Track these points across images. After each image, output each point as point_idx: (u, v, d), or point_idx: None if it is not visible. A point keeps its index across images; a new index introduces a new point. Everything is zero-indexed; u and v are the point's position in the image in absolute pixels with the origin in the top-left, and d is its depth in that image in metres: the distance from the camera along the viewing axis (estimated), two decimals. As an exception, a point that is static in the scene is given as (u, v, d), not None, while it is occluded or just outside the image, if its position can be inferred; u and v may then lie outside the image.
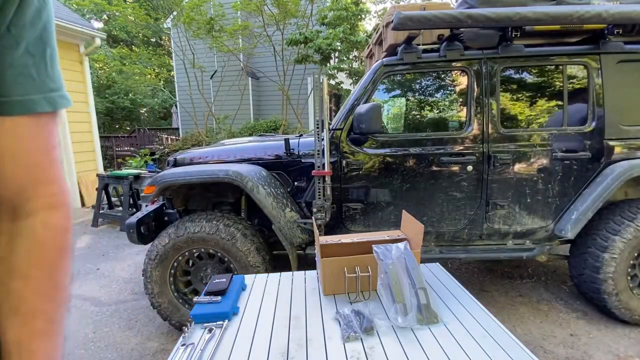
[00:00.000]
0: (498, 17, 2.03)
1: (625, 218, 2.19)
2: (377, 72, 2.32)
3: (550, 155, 2.23)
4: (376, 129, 2.11)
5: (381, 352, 0.98)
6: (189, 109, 10.33)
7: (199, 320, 1.16)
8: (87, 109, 6.51)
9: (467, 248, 2.38)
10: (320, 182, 2.24)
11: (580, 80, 2.28)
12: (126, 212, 4.69)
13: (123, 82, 13.26)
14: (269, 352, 1.01)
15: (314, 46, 7.93)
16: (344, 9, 8.04)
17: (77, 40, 6.18)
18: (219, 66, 10.26)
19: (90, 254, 4.04)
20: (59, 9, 6.34)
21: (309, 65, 8.85)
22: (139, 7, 14.05)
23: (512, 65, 2.29)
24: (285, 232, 2.29)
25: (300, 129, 8.93)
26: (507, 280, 3.04)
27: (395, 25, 2.07)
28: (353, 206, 2.37)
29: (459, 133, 2.31)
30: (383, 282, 1.20)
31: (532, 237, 2.36)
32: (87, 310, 2.78)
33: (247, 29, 9.28)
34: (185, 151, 2.89)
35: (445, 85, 2.48)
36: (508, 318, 2.45)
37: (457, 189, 2.30)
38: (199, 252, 2.26)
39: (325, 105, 2.20)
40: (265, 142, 2.65)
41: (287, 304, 1.28)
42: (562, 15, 2.03)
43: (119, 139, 11.36)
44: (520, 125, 2.34)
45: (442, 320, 1.12)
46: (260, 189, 2.20)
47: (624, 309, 2.25)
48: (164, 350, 2.24)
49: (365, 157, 2.32)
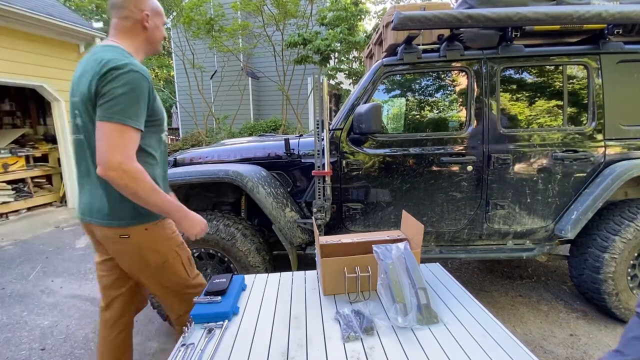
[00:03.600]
0: (498, 17, 2.03)
1: (625, 218, 2.19)
2: (377, 72, 2.32)
3: (550, 155, 2.23)
4: (376, 129, 2.11)
5: (381, 352, 0.98)
6: (189, 109, 10.33)
7: (199, 320, 1.16)
8: (87, 109, 6.50)
9: (467, 248, 2.38)
10: (320, 182, 2.24)
11: (580, 80, 2.28)
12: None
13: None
14: (269, 352, 1.01)
15: (312, 47, 7.94)
16: (343, 10, 8.04)
17: (77, 40, 6.18)
18: (218, 66, 10.26)
19: (90, 254, 4.04)
20: (59, 9, 6.35)
21: (309, 65, 8.85)
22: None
23: (512, 65, 2.29)
24: (285, 232, 2.29)
25: (300, 129, 8.93)
26: (507, 280, 3.04)
27: (395, 25, 2.07)
28: (353, 206, 2.37)
29: (459, 133, 2.31)
30: (383, 282, 1.20)
31: (532, 237, 2.36)
32: (87, 310, 2.77)
33: (246, 29, 9.28)
34: (185, 151, 2.89)
35: (445, 85, 2.48)
36: (508, 318, 2.45)
37: (457, 189, 2.30)
38: (199, 252, 2.26)
39: (325, 105, 2.20)
40: (265, 142, 2.65)
41: (287, 304, 1.28)
42: (562, 15, 2.03)
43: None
44: (520, 125, 2.34)
45: (442, 320, 1.12)
46: (260, 189, 2.20)
47: (624, 309, 2.25)
48: (164, 350, 2.24)
49: (365, 157, 2.32)
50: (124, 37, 1.30)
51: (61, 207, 6.23)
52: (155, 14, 1.35)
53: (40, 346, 2.34)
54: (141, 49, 1.35)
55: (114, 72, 1.14)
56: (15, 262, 3.86)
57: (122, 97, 1.14)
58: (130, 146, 1.17)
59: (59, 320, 2.64)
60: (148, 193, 1.19)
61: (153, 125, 1.30)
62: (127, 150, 1.15)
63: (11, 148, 5.83)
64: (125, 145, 1.15)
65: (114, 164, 1.12)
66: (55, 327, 2.56)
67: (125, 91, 1.14)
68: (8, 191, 5.55)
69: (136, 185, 1.15)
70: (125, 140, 1.15)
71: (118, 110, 1.13)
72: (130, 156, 1.15)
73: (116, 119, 1.13)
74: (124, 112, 1.14)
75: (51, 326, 2.57)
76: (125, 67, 1.15)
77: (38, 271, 3.59)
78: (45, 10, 5.51)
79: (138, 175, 1.16)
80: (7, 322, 2.64)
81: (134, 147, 1.18)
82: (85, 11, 13.69)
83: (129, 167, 1.14)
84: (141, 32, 1.32)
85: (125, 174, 1.13)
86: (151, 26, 1.33)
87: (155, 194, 1.21)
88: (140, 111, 1.20)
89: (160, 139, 1.37)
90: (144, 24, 1.31)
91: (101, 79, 1.14)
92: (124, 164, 1.13)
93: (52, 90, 5.75)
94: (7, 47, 5.12)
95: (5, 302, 2.95)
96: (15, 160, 5.75)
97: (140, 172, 1.17)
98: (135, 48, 1.32)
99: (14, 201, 5.59)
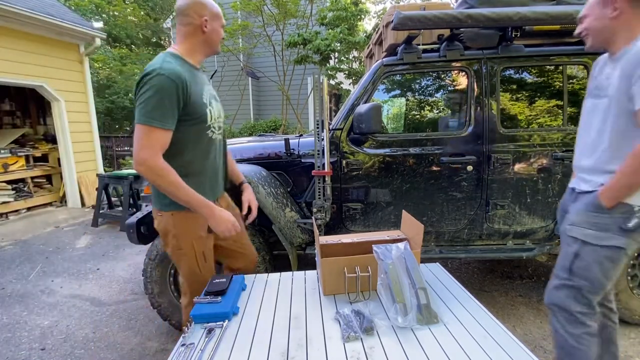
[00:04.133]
0: (498, 17, 2.03)
1: (625, 218, 2.19)
2: (377, 72, 2.32)
3: (550, 155, 2.23)
4: (376, 129, 2.11)
5: (381, 352, 0.98)
6: (189, 109, 10.29)
7: (199, 320, 1.16)
8: (87, 109, 6.52)
9: (467, 248, 2.38)
10: (320, 182, 2.24)
11: (580, 80, 2.28)
12: (126, 212, 4.69)
13: (123, 82, 13.25)
14: (269, 352, 1.01)
15: (312, 47, 7.94)
16: (343, 9, 8.04)
17: (77, 40, 6.18)
18: (218, 66, 10.26)
19: (90, 254, 4.04)
20: (59, 9, 6.35)
21: (309, 65, 8.86)
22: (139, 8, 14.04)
23: (512, 65, 2.29)
24: (285, 232, 2.29)
25: (300, 129, 8.93)
26: (507, 280, 3.04)
27: (395, 25, 2.07)
28: (353, 206, 2.37)
29: (459, 133, 2.31)
30: (383, 282, 1.20)
31: (532, 237, 2.36)
32: (87, 310, 2.78)
33: (246, 29, 9.28)
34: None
35: (445, 85, 2.48)
36: (508, 318, 2.45)
37: (457, 189, 2.30)
38: (199, 252, 2.26)
39: (325, 105, 2.20)
40: (265, 142, 2.65)
41: (287, 304, 1.28)
42: (562, 15, 2.03)
43: (119, 139, 11.34)
44: (521, 125, 2.34)
45: (442, 320, 1.12)
46: (260, 188, 2.20)
47: (624, 309, 2.25)
48: (164, 350, 2.24)
49: (365, 157, 2.32)
50: (183, 41, 1.46)
51: (61, 207, 6.23)
52: (214, 18, 1.47)
53: (40, 346, 2.34)
54: (199, 51, 1.49)
55: (144, 79, 1.29)
56: (15, 262, 3.86)
57: (149, 100, 1.28)
58: (156, 145, 1.31)
59: (59, 320, 2.65)
60: (170, 187, 1.34)
61: (193, 124, 1.42)
62: (153, 149, 1.30)
63: (11, 148, 5.83)
64: (151, 145, 1.29)
65: (140, 161, 1.29)
66: (55, 327, 2.56)
67: (151, 94, 1.27)
68: (8, 191, 5.56)
69: (160, 179, 1.32)
70: (151, 140, 1.30)
71: (145, 113, 1.28)
72: (154, 154, 1.30)
73: (143, 121, 1.28)
74: (149, 114, 1.28)
75: (51, 326, 2.57)
76: (153, 73, 1.28)
77: (38, 271, 3.59)
78: (45, 10, 5.51)
79: (161, 172, 1.31)
80: (7, 322, 2.64)
81: (161, 145, 1.33)
82: (85, 11, 13.68)
83: (153, 163, 1.30)
84: (200, 36, 1.45)
85: (150, 170, 1.30)
86: (209, 30, 1.46)
87: (178, 188, 1.35)
88: (167, 112, 1.32)
89: (203, 135, 1.47)
90: (202, 29, 1.44)
91: (136, 86, 1.32)
92: (148, 161, 1.29)
93: (52, 90, 5.75)
94: (7, 47, 5.12)
95: (5, 302, 2.95)
96: (15, 160, 5.75)
97: (163, 169, 1.31)
98: (192, 50, 1.46)
99: (14, 201, 5.59)
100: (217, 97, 1.59)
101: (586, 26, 1.36)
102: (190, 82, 1.37)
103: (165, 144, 1.35)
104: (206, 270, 1.55)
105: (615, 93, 1.27)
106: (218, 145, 1.58)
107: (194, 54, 1.48)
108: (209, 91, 1.50)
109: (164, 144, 1.34)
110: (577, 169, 1.48)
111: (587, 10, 1.35)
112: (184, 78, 1.34)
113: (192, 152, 1.47)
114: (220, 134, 1.59)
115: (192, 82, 1.38)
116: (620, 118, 1.27)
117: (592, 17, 1.33)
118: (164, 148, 1.35)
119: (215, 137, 1.54)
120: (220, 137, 1.59)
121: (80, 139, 6.32)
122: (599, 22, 1.31)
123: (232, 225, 1.46)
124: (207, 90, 1.49)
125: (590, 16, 1.34)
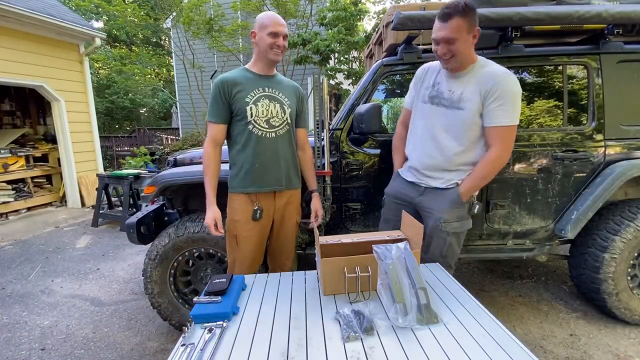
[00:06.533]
0: (498, 17, 2.03)
1: (625, 218, 2.19)
2: (377, 72, 2.32)
3: (550, 155, 2.23)
4: (376, 129, 2.11)
5: (381, 352, 0.98)
6: (189, 109, 10.33)
7: (199, 320, 1.16)
8: (87, 109, 6.52)
9: (467, 248, 2.37)
10: (320, 182, 2.24)
11: (580, 80, 2.28)
12: (126, 212, 4.69)
13: (123, 82, 13.25)
14: (269, 352, 1.01)
15: (312, 47, 7.93)
16: (342, 10, 8.03)
17: (77, 40, 6.18)
18: (218, 66, 10.26)
19: (90, 254, 4.04)
20: (59, 9, 6.34)
21: (309, 65, 8.85)
22: (139, 8, 14.04)
23: (512, 65, 2.28)
24: (285, 232, 2.29)
25: (300, 129, 8.90)
26: (507, 280, 3.04)
27: (395, 25, 2.07)
28: (353, 206, 2.37)
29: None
30: (383, 282, 1.20)
31: (532, 237, 2.36)
32: (87, 310, 2.78)
33: (246, 29, 9.27)
34: (185, 151, 2.89)
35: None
36: (508, 318, 2.45)
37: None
38: (199, 252, 2.26)
39: (325, 105, 2.20)
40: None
41: (287, 304, 1.28)
42: (562, 15, 2.03)
43: (119, 139, 11.35)
44: (520, 125, 2.33)
45: (442, 320, 1.12)
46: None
47: (624, 309, 2.25)
48: (164, 350, 2.24)
49: (365, 157, 2.32)
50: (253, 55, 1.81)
51: (61, 207, 6.23)
52: (260, 28, 1.71)
53: (40, 346, 2.34)
54: (258, 59, 1.79)
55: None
56: (15, 262, 3.86)
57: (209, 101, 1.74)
58: (209, 135, 1.73)
59: (59, 320, 2.65)
60: (203, 171, 1.74)
61: (237, 120, 1.73)
62: (208, 138, 1.74)
63: (11, 148, 5.83)
64: (207, 135, 1.75)
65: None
66: (55, 327, 2.56)
67: (210, 96, 1.74)
68: (8, 191, 5.56)
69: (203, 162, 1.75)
70: (209, 131, 1.74)
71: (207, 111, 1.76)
72: (206, 142, 1.73)
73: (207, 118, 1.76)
74: (208, 112, 1.75)
75: (51, 326, 2.57)
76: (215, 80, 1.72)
77: (38, 271, 3.59)
78: (45, 10, 5.51)
79: (204, 156, 1.74)
80: (7, 322, 2.64)
81: (212, 136, 1.73)
82: (86, 11, 13.68)
83: (204, 149, 1.74)
84: (255, 47, 1.77)
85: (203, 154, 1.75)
86: (258, 40, 1.73)
87: (205, 174, 1.73)
88: (215, 109, 1.71)
89: (246, 129, 1.73)
90: (255, 42, 1.75)
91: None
92: (204, 147, 1.74)
93: (52, 90, 5.75)
94: (7, 47, 5.12)
95: (5, 302, 2.95)
96: (15, 160, 5.75)
97: (205, 155, 1.74)
98: (255, 60, 1.80)
99: (14, 201, 5.60)
100: (278, 98, 1.78)
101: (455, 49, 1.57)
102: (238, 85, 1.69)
103: (214, 136, 1.72)
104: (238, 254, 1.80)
105: (473, 107, 1.60)
106: (270, 142, 1.76)
107: (256, 63, 1.79)
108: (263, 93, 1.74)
109: (213, 135, 1.72)
110: (421, 166, 1.77)
111: (456, 34, 1.55)
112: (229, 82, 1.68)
113: (239, 145, 1.74)
114: (274, 131, 1.76)
115: (241, 85, 1.70)
116: (472, 129, 1.63)
117: (461, 41, 1.55)
118: (215, 138, 1.72)
119: (261, 133, 1.73)
120: (272, 135, 1.76)
121: (80, 139, 6.32)
122: (464, 45, 1.57)
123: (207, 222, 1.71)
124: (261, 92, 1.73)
125: (459, 40, 1.55)
